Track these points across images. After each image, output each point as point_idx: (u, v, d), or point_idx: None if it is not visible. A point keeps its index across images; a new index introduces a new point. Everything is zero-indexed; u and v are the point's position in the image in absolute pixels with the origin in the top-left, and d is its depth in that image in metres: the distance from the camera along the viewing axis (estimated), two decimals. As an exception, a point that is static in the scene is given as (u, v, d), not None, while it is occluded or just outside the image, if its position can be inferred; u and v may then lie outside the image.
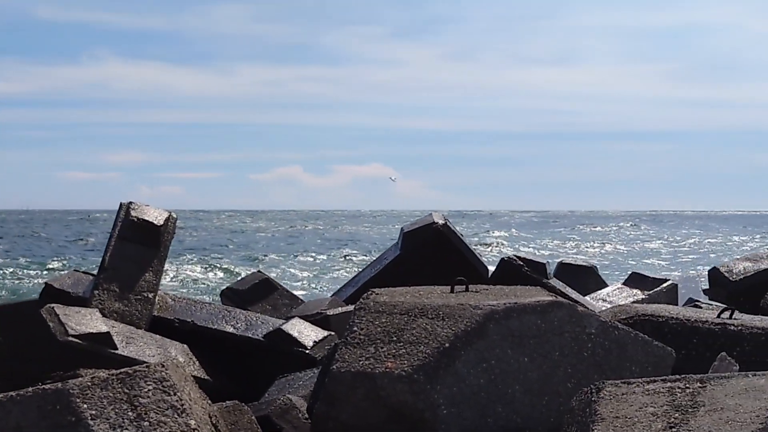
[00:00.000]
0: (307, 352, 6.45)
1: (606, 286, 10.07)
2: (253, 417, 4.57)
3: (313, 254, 39.24)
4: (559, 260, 11.18)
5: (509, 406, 4.19)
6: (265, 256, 38.00)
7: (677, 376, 3.61)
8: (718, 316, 5.25)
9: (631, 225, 79.20)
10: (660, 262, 36.70)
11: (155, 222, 6.87)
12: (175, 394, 3.59)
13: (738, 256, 10.13)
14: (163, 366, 3.67)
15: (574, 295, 8.10)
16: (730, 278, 8.96)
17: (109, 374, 3.65)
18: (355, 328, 4.39)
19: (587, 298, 8.70)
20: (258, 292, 8.59)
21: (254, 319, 6.93)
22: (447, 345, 4.17)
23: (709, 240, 55.85)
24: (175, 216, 7.11)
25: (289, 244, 47.29)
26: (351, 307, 6.33)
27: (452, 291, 4.79)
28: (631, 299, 8.75)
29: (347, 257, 38.09)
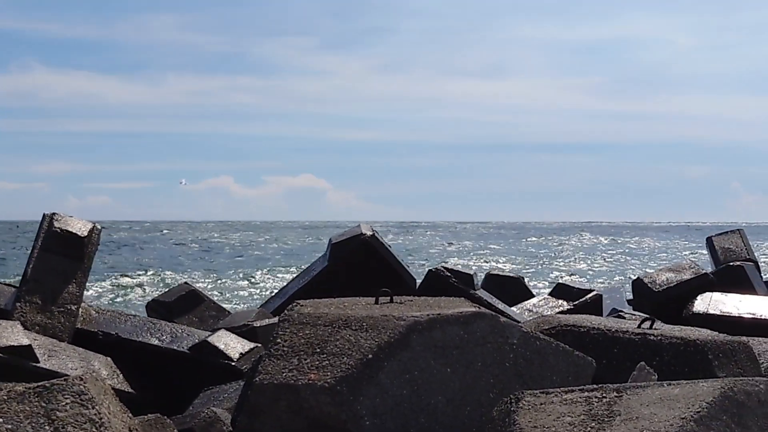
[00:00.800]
0: (233, 364, 6.42)
1: (533, 296, 10.18)
2: (176, 430, 4.54)
3: (284, 267, 38.28)
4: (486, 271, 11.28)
5: (432, 417, 4.21)
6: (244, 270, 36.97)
7: (595, 386, 3.67)
8: (639, 326, 5.33)
9: (565, 236, 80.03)
10: (589, 272, 37.11)
11: (79, 233, 6.80)
12: (93, 408, 3.55)
13: (661, 267, 10.28)
14: (81, 379, 3.63)
15: (501, 305, 8.18)
16: (654, 289, 9.10)
17: (26, 388, 3.60)
18: (279, 340, 4.38)
19: (513, 308, 8.80)
20: (184, 304, 8.54)
21: (180, 331, 6.88)
22: (370, 356, 4.18)
23: (638, 250, 56.58)
24: (99, 227, 7.04)
25: (238, 256, 46.53)
26: (277, 319, 6.33)
27: (377, 302, 4.80)
28: (557, 310, 8.85)
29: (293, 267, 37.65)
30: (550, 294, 9.57)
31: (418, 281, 8.75)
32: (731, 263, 10.37)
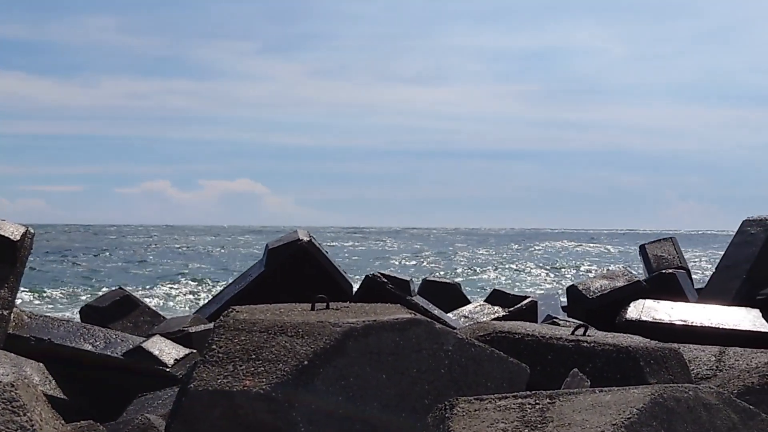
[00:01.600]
0: (167, 370, 6.38)
1: (469, 302, 10.24)
2: (108, 437, 4.50)
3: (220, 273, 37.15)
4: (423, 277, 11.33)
5: (367, 424, 4.22)
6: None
7: (528, 392, 3.70)
8: (573, 333, 5.39)
9: (504, 243, 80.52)
10: (525, 278, 37.40)
11: (11, 237, 6.70)
12: (24, 415, 3.51)
13: (595, 274, 10.42)
14: (12, 386, 3.59)
15: (437, 311, 8.22)
16: (588, 295, 9.22)
17: (-45, 395, 3.55)
18: (214, 346, 4.36)
19: (450, 315, 8.84)
20: (119, 310, 8.47)
21: (114, 336, 6.82)
22: (306, 362, 4.18)
23: (574, 257, 57.11)
24: (32, 231, 6.95)
25: (187, 261, 45.60)
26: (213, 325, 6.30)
27: (313, 308, 4.80)
28: (492, 316, 8.92)
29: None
30: (485, 300, 9.64)
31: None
32: (664, 271, 10.54)
